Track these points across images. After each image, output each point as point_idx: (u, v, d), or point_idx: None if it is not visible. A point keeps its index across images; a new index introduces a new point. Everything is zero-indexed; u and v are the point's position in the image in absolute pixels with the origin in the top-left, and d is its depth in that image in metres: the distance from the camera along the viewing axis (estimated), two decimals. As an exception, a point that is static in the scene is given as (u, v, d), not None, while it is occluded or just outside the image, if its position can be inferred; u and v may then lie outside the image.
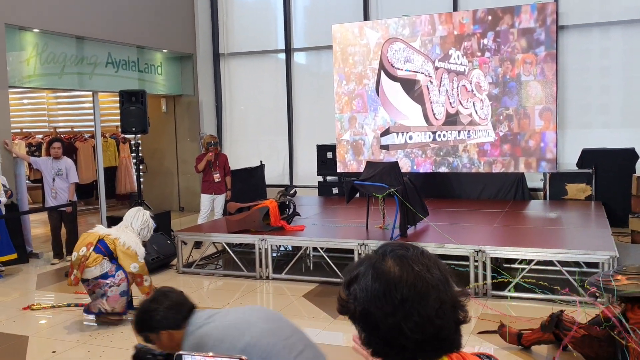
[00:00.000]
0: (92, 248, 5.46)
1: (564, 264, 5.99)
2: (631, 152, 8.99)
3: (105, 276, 5.44)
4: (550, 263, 6.11)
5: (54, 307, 6.19)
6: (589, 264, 6.54)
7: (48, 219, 8.43)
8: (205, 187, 8.90)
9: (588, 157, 9.23)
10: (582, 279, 5.39)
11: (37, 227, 10.78)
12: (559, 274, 5.96)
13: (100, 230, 5.70)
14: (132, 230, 5.69)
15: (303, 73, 12.19)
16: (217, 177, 8.81)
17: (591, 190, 9.02)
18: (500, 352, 4.60)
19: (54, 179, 8.21)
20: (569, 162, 9.79)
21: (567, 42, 9.99)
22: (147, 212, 5.88)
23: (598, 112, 10.11)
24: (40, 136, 13.46)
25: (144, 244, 5.82)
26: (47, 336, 5.42)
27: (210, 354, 1.41)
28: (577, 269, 6.00)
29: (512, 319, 5.00)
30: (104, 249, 5.50)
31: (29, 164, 10.02)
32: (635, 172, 8.55)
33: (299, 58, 12.22)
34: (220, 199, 8.92)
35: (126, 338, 5.22)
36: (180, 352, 1.40)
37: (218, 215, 8.89)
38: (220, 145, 12.77)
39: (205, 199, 8.89)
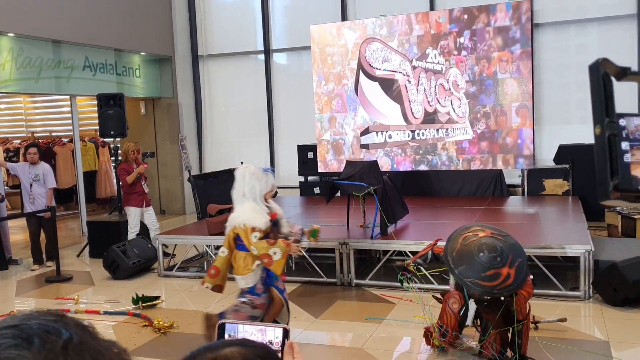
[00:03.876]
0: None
1: (541, 258, 6.08)
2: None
3: (251, 291, 4.59)
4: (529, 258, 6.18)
5: (34, 313, 6.14)
6: (566, 258, 6.64)
7: (27, 225, 8.36)
8: (134, 200, 8.16)
9: (565, 152, 9.35)
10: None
11: (16, 233, 10.69)
12: (537, 269, 6.05)
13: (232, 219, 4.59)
14: (247, 199, 4.59)
15: (282, 74, 12.21)
16: (146, 187, 8.30)
17: (568, 185, 9.14)
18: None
19: (31, 185, 8.14)
20: (546, 158, 9.91)
21: (543, 39, 10.11)
22: (247, 167, 4.75)
23: (575, 108, 10.23)
24: (18, 141, 13.34)
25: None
26: (28, 343, 5.38)
27: (254, 322, 1.41)
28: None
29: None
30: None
31: (7, 170, 9.93)
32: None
33: (278, 59, 12.23)
34: (151, 213, 8.38)
35: (108, 342, 5.20)
36: (223, 321, 1.40)
37: (156, 230, 8.27)
38: (200, 147, 12.78)
39: (135, 212, 8.17)
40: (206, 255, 8.06)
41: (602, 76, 1.64)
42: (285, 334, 1.32)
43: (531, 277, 4.09)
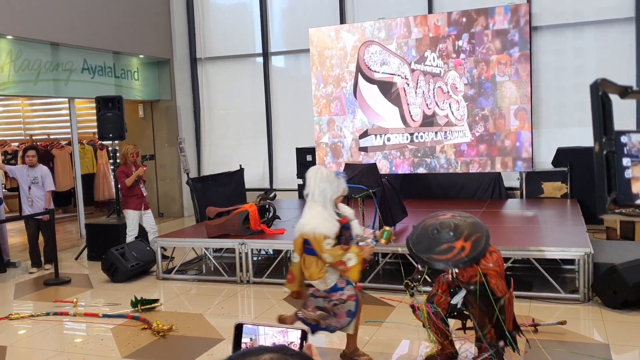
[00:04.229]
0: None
1: (541, 261, 6.08)
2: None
3: (333, 289, 4.43)
4: (527, 261, 6.20)
5: (32, 316, 6.13)
6: (565, 261, 6.65)
7: (25, 228, 8.35)
8: (133, 203, 8.11)
9: (563, 155, 9.36)
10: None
11: (14, 236, 10.67)
12: (537, 272, 6.05)
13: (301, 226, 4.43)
14: (316, 204, 4.37)
15: (281, 76, 12.21)
16: (144, 190, 8.27)
17: (567, 188, 9.15)
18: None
19: (29, 187, 8.13)
20: (545, 161, 9.92)
21: (541, 42, 10.13)
22: (319, 169, 4.53)
23: (573, 110, 10.25)
24: (16, 144, 13.33)
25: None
26: (26, 346, 5.38)
27: (272, 324, 1.41)
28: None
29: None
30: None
31: (5, 173, 9.92)
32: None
33: (276, 61, 12.24)
34: (149, 215, 8.34)
35: (106, 346, 5.19)
36: (241, 322, 1.39)
37: (154, 233, 8.27)
38: (198, 150, 12.77)
39: (134, 215, 8.12)
40: (204, 258, 8.05)
41: (601, 96, 1.65)
42: (304, 335, 1.32)
43: (494, 251, 4.06)
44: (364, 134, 10.24)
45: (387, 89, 10.00)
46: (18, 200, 9.73)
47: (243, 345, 1.43)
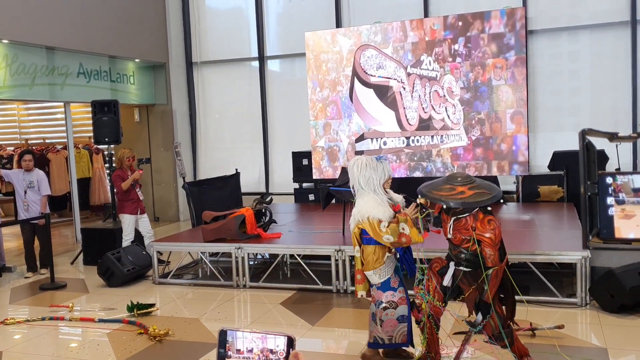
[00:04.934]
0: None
1: (538, 265, 6.08)
2: (601, 153, 9.12)
3: (385, 287, 4.35)
4: (524, 265, 6.19)
5: (28, 321, 6.10)
6: (562, 265, 6.65)
7: (21, 232, 8.31)
8: (128, 207, 8.10)
9: (559, 159, 9.37)
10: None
11: (10, 240, 10.63)
12: (534, 276, 6.05)
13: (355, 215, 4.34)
14: (366, 192, 4.35)
15: (277, 80, 12.21)
16: (140, 194, 8.24)
17: (563, 191, 9.16)
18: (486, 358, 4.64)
19: (25, 192, 8.10)
20: (541, 165, 9.94)
21: (537, 46, 10.15)
22: (359, 159, 4.46)
23: (568, 114, 10.28)
24: (12, 148, 13.29)
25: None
26: (22, 351, 5.34)
27: (256, 330, 1.37)
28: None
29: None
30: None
31: (0, 177, 9.87)
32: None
33: (272, 65, 12.24)
34: (145, 220, 8.29)
35: (102, 351, 5.16)
36: (225, 328, 1.37)
37: (150, 237, 8.22)
38: (194, 154, 12.75)
39: (129, 220, 8.11)
40: (201, 263, 8.03)
41: (587, 144, 1.72)
42: (290, 343, 1.28)
43: (493, 221, 4.02)
44: (360, 138, 10.23)
45: (383, 92, 10.00)
46: (13, 204, 9.67)
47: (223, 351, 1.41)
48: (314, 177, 10.59)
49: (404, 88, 9.87)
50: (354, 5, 11.27)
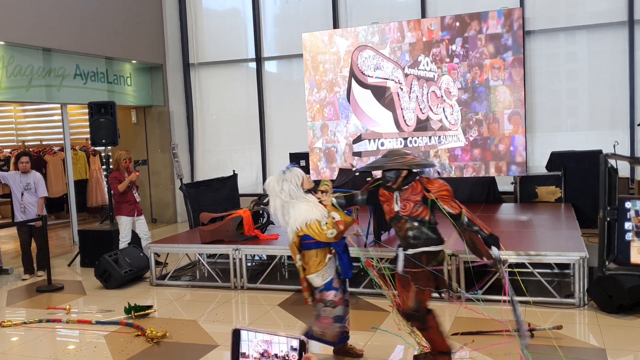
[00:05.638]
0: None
1: (536, 266, 6.07)
2: (598, 154, 9.11)
3: (329, 287, 4.44)
4: (523, 265, 6.18)
5: (25, 323, 6.08)
6: (560, 265, 6.65)
7: (18, 234, 8.29)
8: (125, 209, 8.06)
9: (557, 159, 9.37)
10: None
11: (7, 242, 10.60)
12: (532, 276, 6.04)
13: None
14: (293, 201, 4.44)
15: (274, 81, 12.20)
16: (137, 196, 8.20)
17: (561, 192, 9.16)
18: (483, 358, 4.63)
19: (22, 194, 8.08)
20: (539, 165, 9.93)
21: (534, 46, 10.15)
22: (269, 182, 4.54)
23: (566, 115, 10.28)
24: (8, 150, 13.26)
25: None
26: (19, 353, 5.32)
27: (270, 331, 1.35)
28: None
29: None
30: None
31: (-3, 179, 9.86)
32: (602, 174, 8.70)
33: (269, 67, 12.23)
34: (142, 222, 8.26)
35: (100, 353, 5.15)
36: (238, 327, 1.34)
37: (147, 239, 8.19)
38: (191, 155, 12.73)
39: (126, 221, 8.07)
40: (198, 264, 8.01)
41: (609, 169, 1.71)
42: (302, 346, 1.23)
43: (435, 180, 4.35)
44: (358, 139, 10.23)
45: (380, 93, 10.00)
46: (10, 206, 9.68)
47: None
48: (312, 178, 10.58)
49: (402, 89, 9.87)
50: (351, 6, 11.27)
